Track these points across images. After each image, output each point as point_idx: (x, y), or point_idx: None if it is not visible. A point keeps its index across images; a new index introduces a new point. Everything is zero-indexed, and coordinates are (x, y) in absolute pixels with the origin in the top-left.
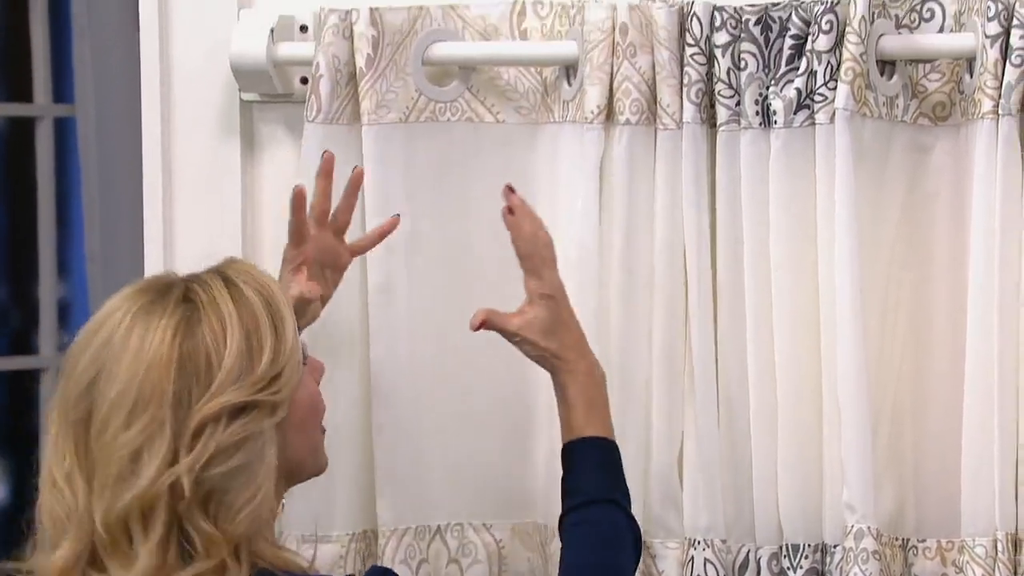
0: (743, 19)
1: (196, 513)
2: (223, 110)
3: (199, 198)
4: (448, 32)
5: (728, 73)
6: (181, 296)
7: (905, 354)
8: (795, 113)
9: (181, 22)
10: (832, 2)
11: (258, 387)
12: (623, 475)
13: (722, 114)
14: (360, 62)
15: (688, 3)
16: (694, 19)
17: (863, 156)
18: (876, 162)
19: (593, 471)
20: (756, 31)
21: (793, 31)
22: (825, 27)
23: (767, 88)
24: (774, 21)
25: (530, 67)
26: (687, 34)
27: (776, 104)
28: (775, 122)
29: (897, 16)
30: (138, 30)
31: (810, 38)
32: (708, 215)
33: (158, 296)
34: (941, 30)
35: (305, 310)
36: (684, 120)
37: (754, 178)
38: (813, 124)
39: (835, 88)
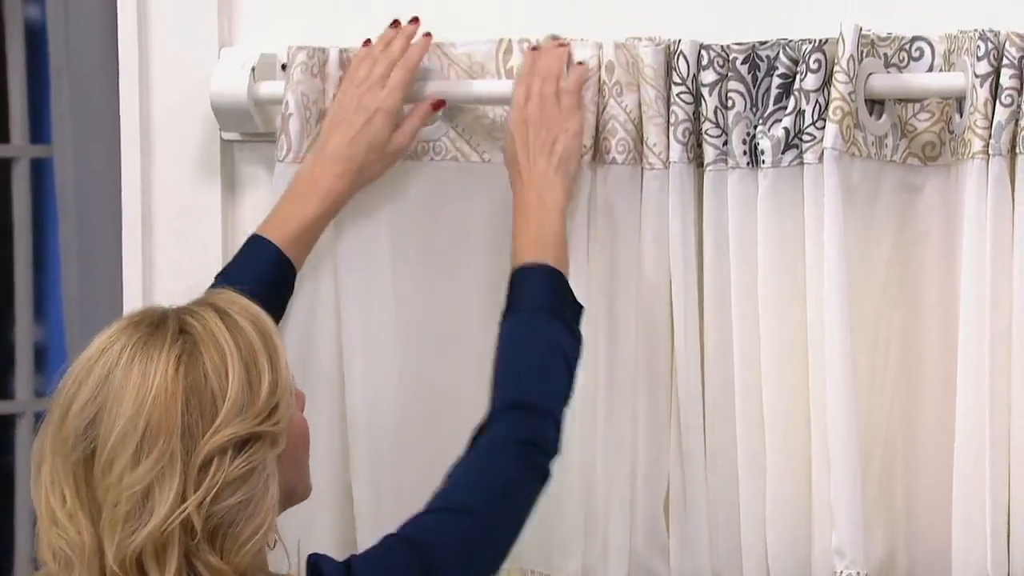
0: (730, 57)
1: (205, 547)
2: (203, 150)
3: (179, 239)
4: (431, 70)
5: (715, 112)
6: (177, 328)
7: (895, 396)
8: (783, 153)
9: (161, 60)
10: (820, 41)
11: (260, 418)
12: (569, 293)
13: (709, 153)
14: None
15: (674, 41)
16: (680, 57)
17: (852, 196)
18: (865, 202)
19: (530, 287)
20: (743, 70)
21: (781, 70)
22: (813, 66)
23: (755, 127)
24: (762, 60)
25: None
26: (674, 72)
27: (764, 143)
28: (763, 162)
29: (886, 55)
30: (117, 69)
31: (798, 77)
32: (695, 255)
33: (154, 329)
34: (931, 69)
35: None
36: (671, 160)
37: (742, 218)
38: (801, 164)
39: (823, 127)
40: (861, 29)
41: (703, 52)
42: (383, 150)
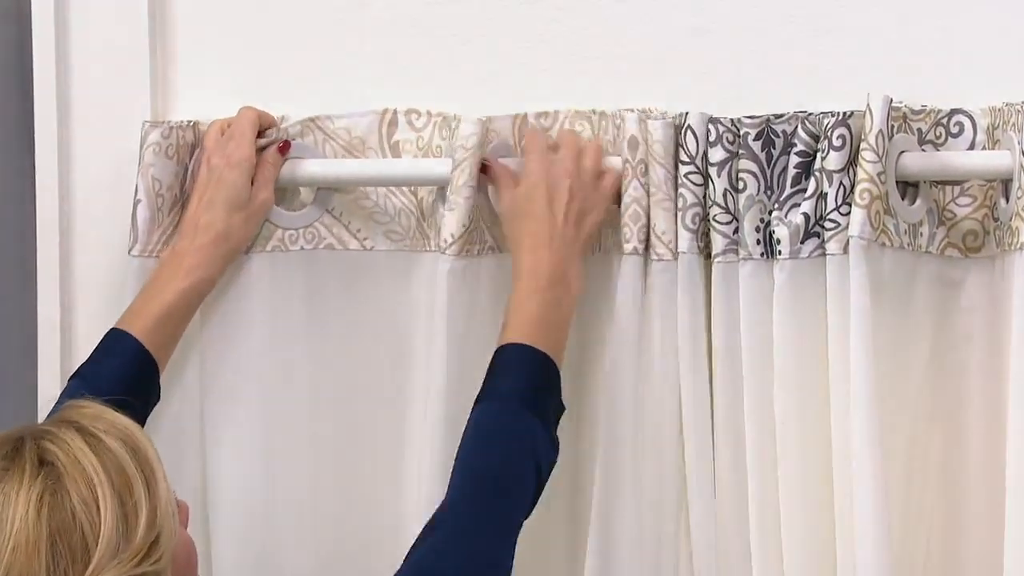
0: (741, 132)
1: None
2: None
3: (102, 328)
4: (304, 147)
5: (725, 195)
6: (36, 459)
7: (934, 523)
8: (802, 242)
9: (83, 137)
10: (844, 113)
11: (139, 557)
12: (557, 390)
13: (718, 243)
14: (186, 186)
15: (682, 114)
16: (688, 132)
17: (882, 292)
18: (897, 299)
19: (504, 372)
20: (756, 147)
21: (799, 147)
22: (836, 142)
23: (769, 213)
24: (777, 135)
25: (404, 187)
26: (681, 150)
27: (780, 231)
28: (779, 252)
29: (920, 130)
30: (34, 157)
31: (819, 155)
32: (706, 361)
33: (8, 463)
34: (972, 147)
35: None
36: (679, 249)
37: (755, 318)
38: (824, 255)
39: (848, 213)
40: (892, 100)
41: (711, 126)
42: (246, 208)
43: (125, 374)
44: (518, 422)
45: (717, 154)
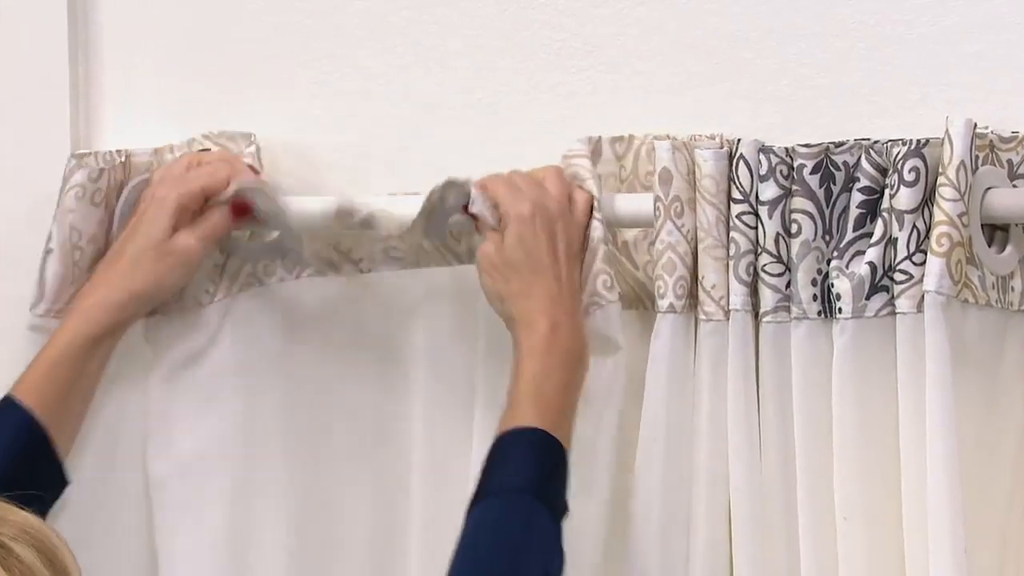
0: (795, 164)
1: None
2: None
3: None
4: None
5: (776, 241)
6: None
7: None
8: (867, 298)
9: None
10: (918, 142)
11: None
12: (564, 481)
13: (767, 298)
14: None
15: (733, 142)
16: (741, 163)
17: (965, 358)
18: (984, 366)
19: (515, 460)
20: (813, 182)
21: (864, 182)
22: (909, 177)
23: (828, 262)
24: (837, 167)
25: None
26: (733, 186)
27: (841, 285)
28: (839, 310)
29: (1011, 161)
30: None
31: (887, 192)
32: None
33: None
34: None
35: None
36: (731, 307)
37: (811, 389)
38: (893, 313)
39: (923, 263)
40: (976, 126)
41: (762, 157)
42: (159, 249)
43: (11, 452)
44: (532, 523)
45: (769, 190)
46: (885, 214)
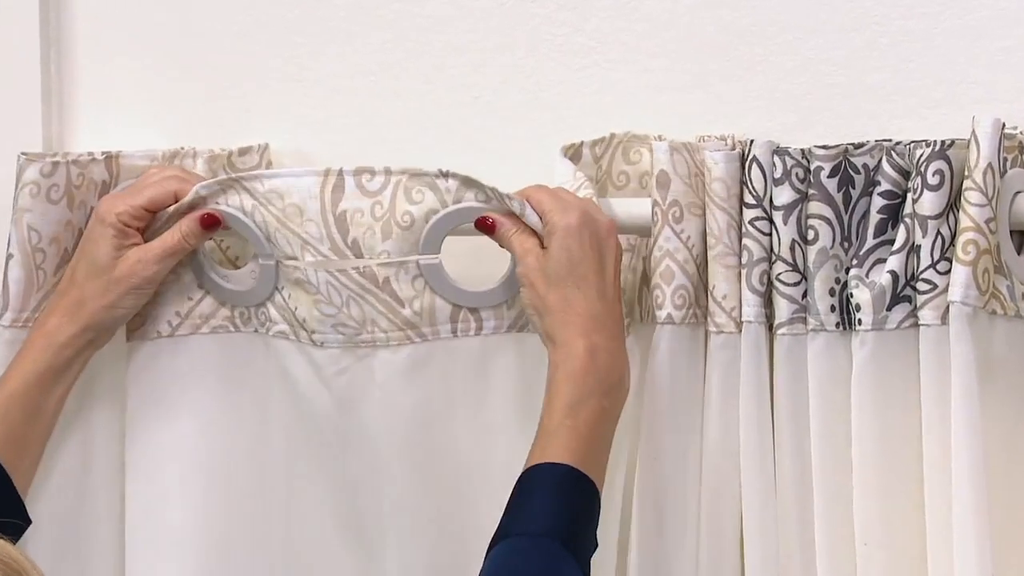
0: (812, 167)
1: None
2: None
3: None
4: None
5: (792, 248)
6: None
7: None
8: (889, 309)
9: None
10: (942, 143)
11: None
12: (594, 519)
13: (782, 309)
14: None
15: (746, 143)
16: (754, 166)
17: (993, 373)
18: (1013, 381)
19: (541, 499)
20: (831, 185)
21: (885, 185)
22: (933, 180)
23: (847, 271)
24: (856, 170)
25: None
26: (746, 189)
27: (860, 295)
28: (859, 322)
29: None
30: None
31: (910, 196)
32: (771, 461)
33: None
34: None
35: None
36: (744, 318)
37: (829, 404)
38: (916, 325)
39: (948, 271)
40: (1004, 126)
41: (776, 159)
42: (107, 276)
43: None
44: (553, 569)
45: (783, 195)
46: (907, 220)
